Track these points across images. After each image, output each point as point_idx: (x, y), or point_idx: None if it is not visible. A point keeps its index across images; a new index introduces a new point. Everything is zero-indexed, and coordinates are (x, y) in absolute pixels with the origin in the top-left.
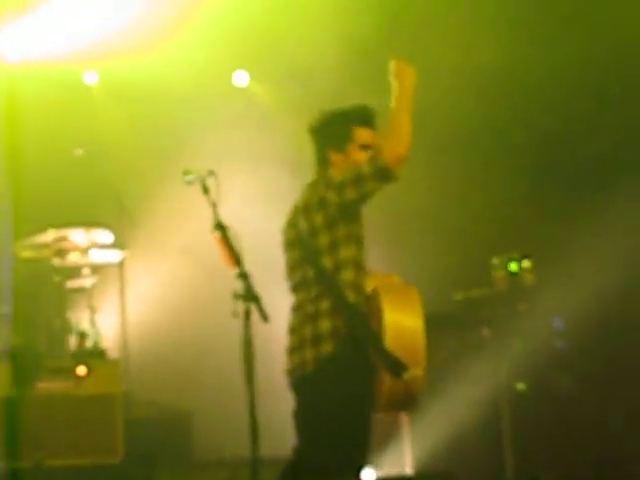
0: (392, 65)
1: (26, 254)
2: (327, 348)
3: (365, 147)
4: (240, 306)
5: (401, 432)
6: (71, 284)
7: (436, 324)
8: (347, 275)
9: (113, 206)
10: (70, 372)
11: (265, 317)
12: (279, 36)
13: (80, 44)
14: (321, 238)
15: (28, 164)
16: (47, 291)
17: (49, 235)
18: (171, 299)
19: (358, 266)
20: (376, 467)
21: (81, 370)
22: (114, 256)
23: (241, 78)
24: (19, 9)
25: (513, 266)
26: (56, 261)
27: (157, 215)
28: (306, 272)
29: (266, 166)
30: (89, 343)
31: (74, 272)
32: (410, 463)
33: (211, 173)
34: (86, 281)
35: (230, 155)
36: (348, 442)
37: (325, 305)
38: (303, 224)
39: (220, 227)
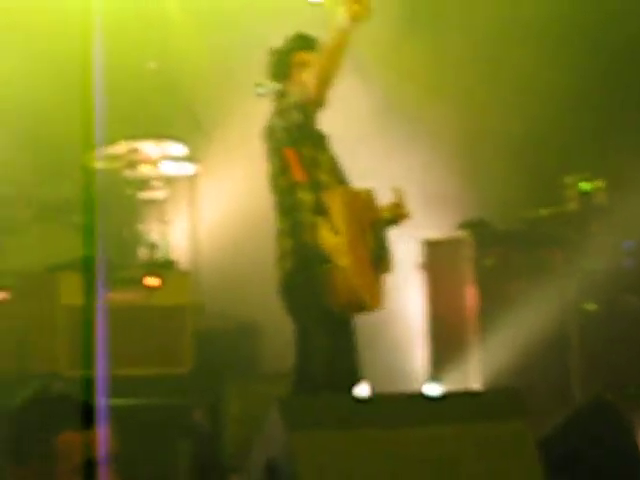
0: None
1: (98, 165)
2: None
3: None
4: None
5: (468, 348)
6: (142, 196)
7: (505, 242)
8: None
9: (186, 119)
10: (140, 283)
11: (335, 230)
12: None
13: None
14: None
15: (102, 76)
16: (118, 202)
17: (121, 147)
18: (243, 212)
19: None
20: (442, 382)
21: (151, 281)
22: (186, 169)
23: None
24: None
25: (585, 185)
26: (127, 172)
27: (230, 128)
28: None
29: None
30: (160, 255)
31: (145, 184)
32: (477, 379)
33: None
34: (157, 193)
35: None
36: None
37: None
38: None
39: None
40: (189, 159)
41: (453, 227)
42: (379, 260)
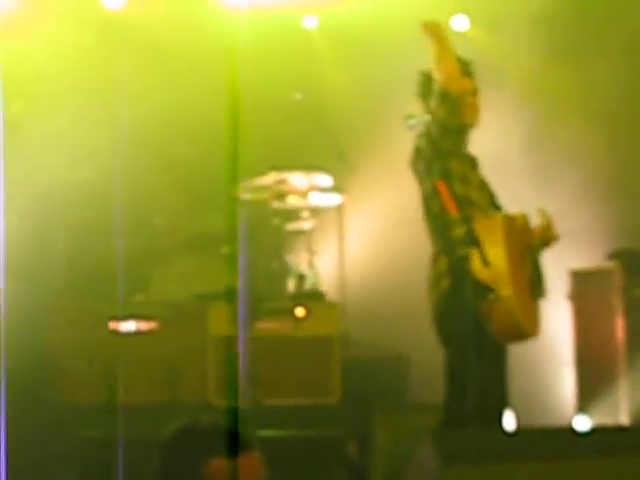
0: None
1: (246, 196)
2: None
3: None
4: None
5: (617, 380)
6: (290, 227)
7: None
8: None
9: (332, 150)
10: (289, 313)
11: (486, 262)
12: None
13: None
14: None
15: (248, 108)
16: (266, 233)
17: (269, 178)
18: (389, 242)
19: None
20: (590, 415)
21: (300, 311)
22: (333, 199)
23: (461, 23)
24: None
25: None
26: (276, 204)
27: (375, 158)
28: None
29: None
30: (308, 285)
31: (293, 215)
32: (625, 412)
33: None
34: (305, 224)
35: None
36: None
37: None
38: None
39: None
40: (336, 189)
41: (602, 257)
42: (535, 286)
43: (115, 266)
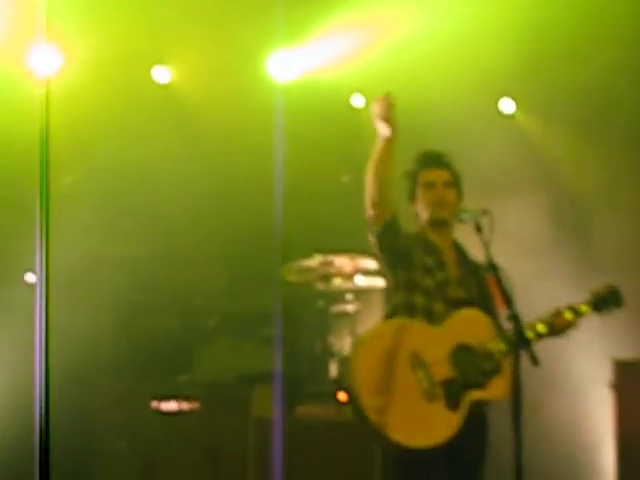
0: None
1: (292, 278)
2: None
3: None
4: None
5: None
6: (335, 309)
7: None
8: None
9: None
10: (331, 398)
11: (535, 361)
12: (549, 64)
13: (347, 65)
14: None
15: (298, 188)
16: (311, 315)
17: (315, 260)
18: None
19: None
20: None
21: (342, 396)
22: (378, 282)
23: (507, 106)
24: (296, 34)
25: None
26: (320, 285)
27: None
28: None
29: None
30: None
31: (338, 297)
32: None
33: (485, 212)
34: (349, 306)
35: (498, 189)
36: None
37: None
38: None
39: (492, 268)
40: (380, 273)
41: None
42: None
43: (160, 345)
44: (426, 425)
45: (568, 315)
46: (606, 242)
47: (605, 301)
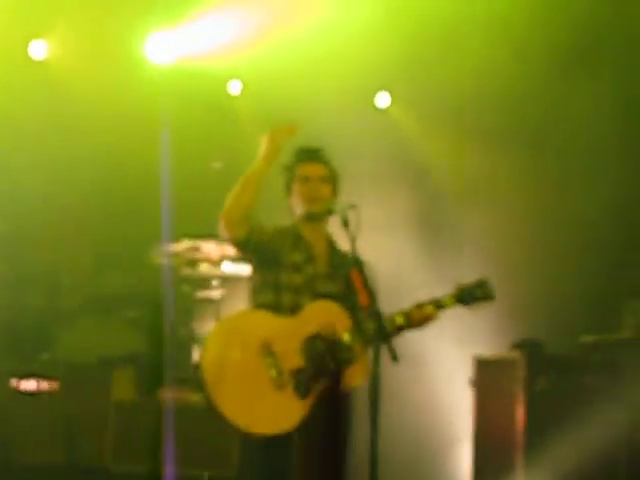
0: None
1: (158, 261)
2: None
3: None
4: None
5: (513, 469)
6: (200, 294)
7: (557, 366)
8: None
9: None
10: (193, 383)
11: (395, 357)
12: (423, 57)
13: (227, 51)
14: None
15: (170, 171)
16: (176, 299)
17: (182, 245)
18: None
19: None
20: None
21: None
22: (244, 269)
23: (383, 100)
24: (174, 16)
25: None
26: (186, 270)
27: None
28: None
29: (399, 193)
30: None
31: (204, 283)
32: None
33: (352, 206)
34: (215, 292)
35: (362, 181)
36: None
37: None
38: None
39: (357, 262)
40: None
41: (507, 346)
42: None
43: (22, 323)
44: (270, 412)
45: (428, 308)
46: (473, 236)
47: (471, 294)
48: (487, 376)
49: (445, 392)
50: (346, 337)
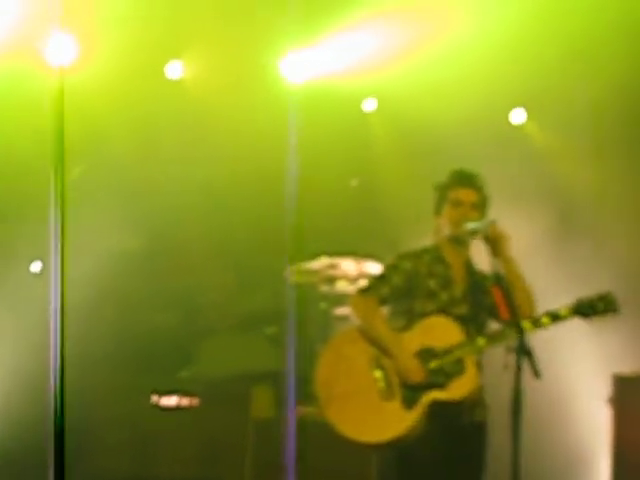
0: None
1: (297, 279)
2: None
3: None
4: (512, 359)
5: None
6: (337, 312)
7: None
8: None
9: (386, 238)
10: None
11: (537, 373)
12: (563, 76)
13: (362, 69)
14: None
15: (307, 190)
16: (313, 316)
17: (321, 262)
18: None
19: None
20: None
21: None
22: None
23: (518, 116)
24: (310, 34)
25: None
26: (324, 288)
27: None
28: None
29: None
30: None
31: (341, 300)
32: None
33: (492, 222)
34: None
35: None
36: None
37: None
38: None
39: (498, 279)
40: None
41: None
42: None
43: (162, 340)
44: (377, 422)
45: (545, 320)
46: (610, 252)
47: (592, 307)
48: (627, 394)
49: (581, 409)
50: (458, 350)
